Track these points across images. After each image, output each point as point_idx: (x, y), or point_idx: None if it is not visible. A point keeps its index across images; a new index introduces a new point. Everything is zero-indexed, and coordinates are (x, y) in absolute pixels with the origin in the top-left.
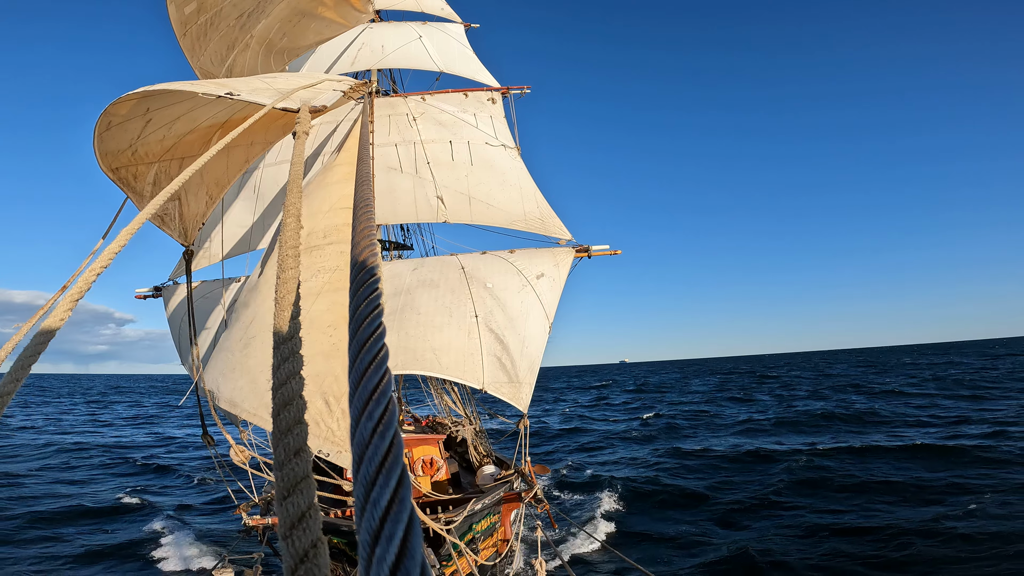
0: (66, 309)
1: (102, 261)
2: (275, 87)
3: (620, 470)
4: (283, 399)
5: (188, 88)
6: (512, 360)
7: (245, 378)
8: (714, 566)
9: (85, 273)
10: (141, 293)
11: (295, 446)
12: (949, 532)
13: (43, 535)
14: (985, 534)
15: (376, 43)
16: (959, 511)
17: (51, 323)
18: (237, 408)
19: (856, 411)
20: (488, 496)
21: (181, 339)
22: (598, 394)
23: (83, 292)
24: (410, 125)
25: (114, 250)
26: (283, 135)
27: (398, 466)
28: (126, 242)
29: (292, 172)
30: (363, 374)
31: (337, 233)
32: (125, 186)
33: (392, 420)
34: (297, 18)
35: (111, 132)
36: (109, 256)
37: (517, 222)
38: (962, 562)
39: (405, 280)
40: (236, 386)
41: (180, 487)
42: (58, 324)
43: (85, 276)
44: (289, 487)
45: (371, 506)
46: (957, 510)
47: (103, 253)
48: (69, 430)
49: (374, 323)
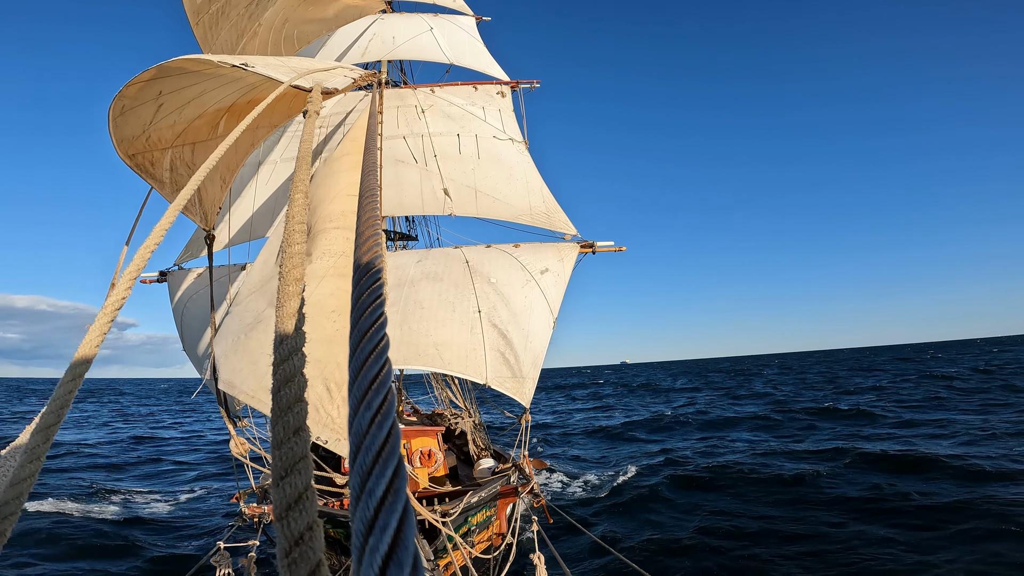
0: (111, 312)
1: (139, 260)
2: (289, 66)
3: (617, 468)
4: (284, 376)
5: (206, 59)
6: (515, 355)
7: (245, 359)
8: (712, 567)
9: (124, 277)
10: (147, 277)
11: (295, 424)
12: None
13: (35, 526)
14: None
15: (387, 34)
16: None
17: (97, 330)
18: (235, 389)
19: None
20: (485, 489)
21: (184, 324)
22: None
23: (129, 289)
24: (418, 117)
25: (150, 246)
26: (288, 117)
27: (395, 456)
28: (167, 227)
29: (301, 149)
30: (363, 363)
31: (343, 219)
32: (143, 172)
33: (390, 410)
34: (304, 6)
35: (125, 117)
36: (149, 248)
37: (523, 216)
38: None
39: (409, 272)
40: (235, 368)
41: (178, 473)
42: (105, 329)
43: (126, 275)
44: (287, 467)
45: (366, 495)
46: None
47: (140, 249)
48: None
49: (375, 312)
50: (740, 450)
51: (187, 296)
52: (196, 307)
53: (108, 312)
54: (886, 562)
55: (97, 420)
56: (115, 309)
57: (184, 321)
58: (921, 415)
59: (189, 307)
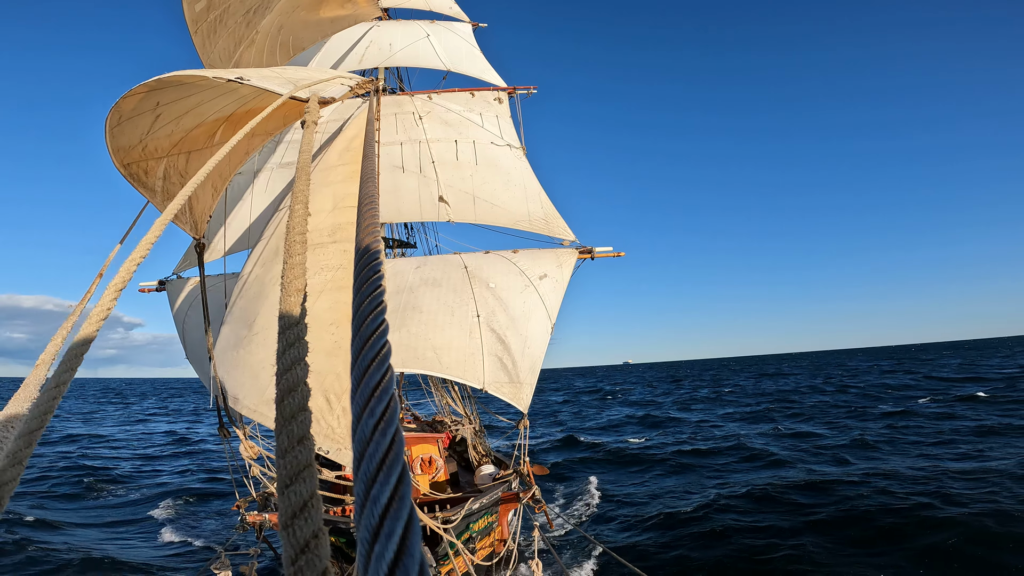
0: (100, 318)
1: (130, 265)
2: (285, 77)
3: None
4: (287, 385)
5: (199, 74)
6: (513, 360)
7: (247, 373)
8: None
9: (109, 288)
10: (145, 286)
11: (299, 433)
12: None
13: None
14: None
15: (384, 41)
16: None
17: (86, 333)
18: (238, 404)
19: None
20: (486, 496)
21: (186, 333)
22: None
23: (116, 296)
24: (416, 124)
25: (142, 252)
26: (284, 125)
27: (399, 463)
28: (154, 241)
29: (300, 160)
30: (365, 371)
31: (341, 232)
32: (136, 182)
33: (393, 417)
34: (299, 13)
35: (121, 127)
36: (141, 254)
37: (521, 222)
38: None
39: (408, 278)
40: (238, 382)
41: (181, 480)
42: (92, 334)
43: (117, 278)
44: (292, 475)
45: (371, 503)
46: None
47: (131, 255)
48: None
49: (377, 320)
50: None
51: (187, 304)
52: (197, 315)
53: (94, 322)
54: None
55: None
56: (100, 319)
57: (185, 330)
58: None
59: (190, 315)
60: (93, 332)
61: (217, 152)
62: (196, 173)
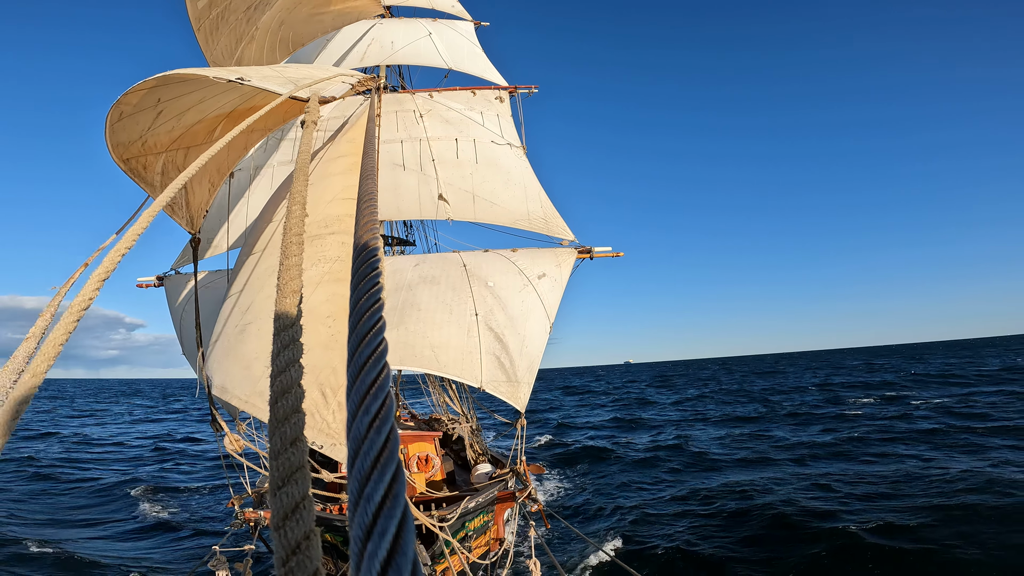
0: (81, 308)
1: (121, 248)
2: (285, 76)
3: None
4: (281, 387)
5: (201, 73)
6: (511, 359)
7: (238, 365)
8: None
9: (105, 260)
10: (143, 282)
11: (292, 435)
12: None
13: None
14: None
15: (386, 39)
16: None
17: (68, 318)
18: (228, 394)
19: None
20: (482, 495)
21: (183, 329)
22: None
23: (99, 285)
24: (417, 122)
25: (134, 234)
26: (284, 122)
27: (393, 461)
28: (146, 225)
29: (299, 160)
30: (362, 368)
31: (339, 223)
32: (136, 176)
33: (389, 415)
34: (300, 9)
35: (122, 123)
36: (131, 239)
37: (520, 221)
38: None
39: (406, 276)
40: (228, 373)
41: (174, 476)
42: (72, 324)
43: (101, 268)
44: (284, 477)
45: (365, 501)
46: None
47: (122, 239)
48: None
49: (374, 317)
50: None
51: (186, 300)
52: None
53: (75, 311)
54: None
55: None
56: (82, 309)
57: (183, 326)
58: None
59: (188, 311)
60: (73, 322)
61: (213, 145)
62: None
